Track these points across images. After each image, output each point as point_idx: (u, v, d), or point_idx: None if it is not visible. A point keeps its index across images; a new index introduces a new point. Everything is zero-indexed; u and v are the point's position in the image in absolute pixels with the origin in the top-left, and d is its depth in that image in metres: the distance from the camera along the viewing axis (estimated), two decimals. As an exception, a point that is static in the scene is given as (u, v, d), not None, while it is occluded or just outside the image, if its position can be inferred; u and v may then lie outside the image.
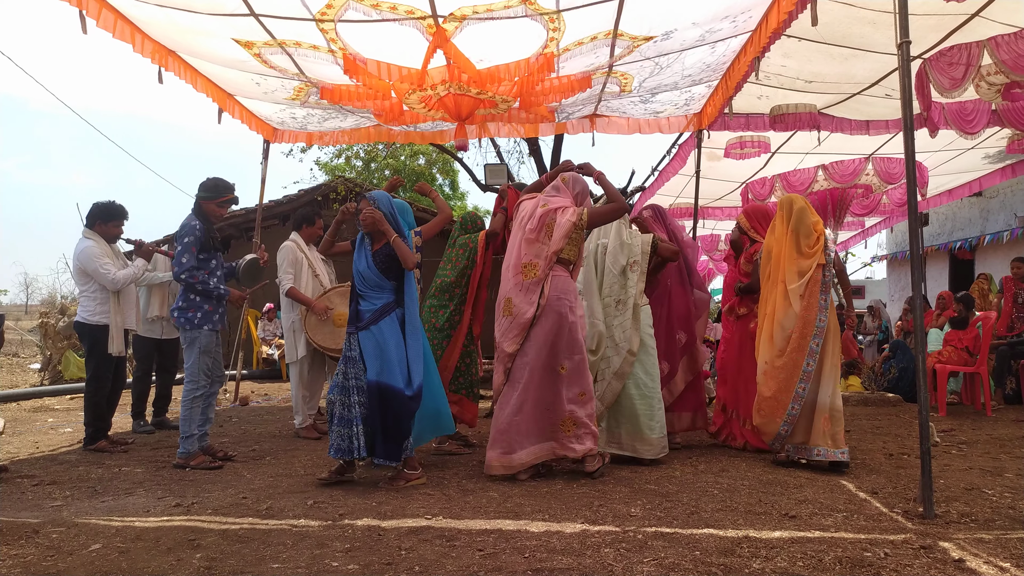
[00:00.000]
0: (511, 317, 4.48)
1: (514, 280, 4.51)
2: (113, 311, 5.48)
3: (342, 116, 7.48)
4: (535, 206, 4.62)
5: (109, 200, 5.66)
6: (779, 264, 4.80)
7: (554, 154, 14.76)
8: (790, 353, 4.61)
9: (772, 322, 4.75)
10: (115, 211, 5.65)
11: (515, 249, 4.59)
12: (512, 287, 4.51)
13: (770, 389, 4.68)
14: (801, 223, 4.74)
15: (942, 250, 14.55)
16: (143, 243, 5.77)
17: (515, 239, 4.63)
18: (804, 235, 4.73)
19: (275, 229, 12.45)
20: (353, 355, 4.29)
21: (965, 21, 5.18)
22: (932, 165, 8.95)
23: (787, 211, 4.81)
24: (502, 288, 4.58)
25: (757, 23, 5.17)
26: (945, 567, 2.86)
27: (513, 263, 4.56)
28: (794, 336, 4.61)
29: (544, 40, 5.30)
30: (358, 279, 4.39)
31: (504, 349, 4.49)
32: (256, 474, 4.66)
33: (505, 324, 4.51)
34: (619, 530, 3.37)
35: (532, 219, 4.58)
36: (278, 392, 9.54)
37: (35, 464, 4.99)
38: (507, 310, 4.51)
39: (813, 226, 4.74)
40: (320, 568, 2.92)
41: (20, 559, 3.04)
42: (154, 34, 5.42)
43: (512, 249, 4.62)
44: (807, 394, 4.57)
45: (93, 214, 5.60)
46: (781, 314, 4.68)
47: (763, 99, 6.79)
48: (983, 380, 7.31)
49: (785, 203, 4.88)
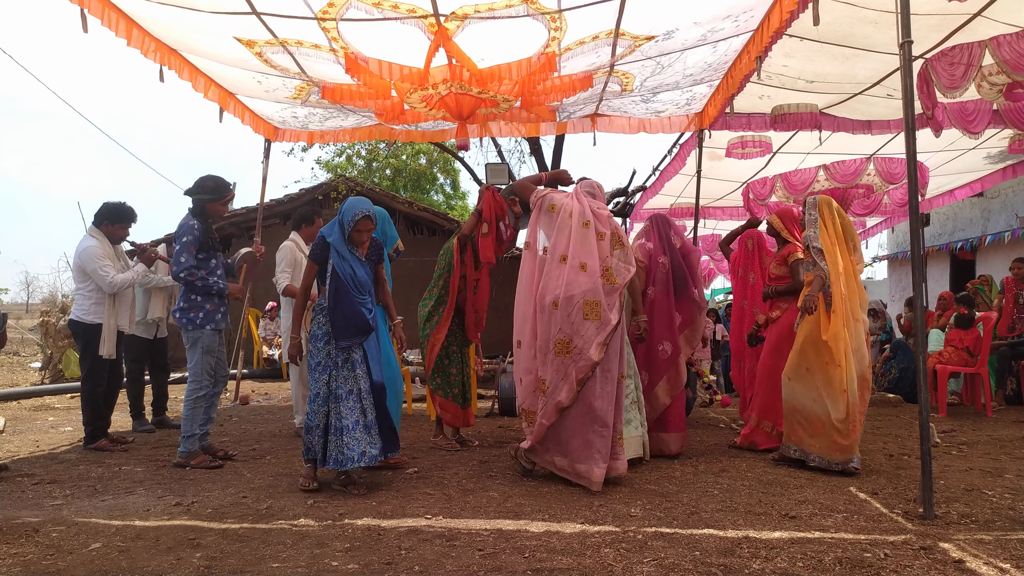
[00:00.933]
0: (597, 321, 4.16)
1: (591, 280, 4.21)
2: (108, 312, 5.46)
3: (343, 115, 7.47)
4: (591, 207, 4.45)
5: (120, 201, 5.65)
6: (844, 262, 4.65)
7: (555, 153, 14.75)
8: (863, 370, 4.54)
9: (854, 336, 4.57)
10: (124, 213, 5.63)
11: (579, 245, 4.31)
12: (594, 287, 4.19)
13: (862, 411, 4.52)
14: (848, 230, 4.75)
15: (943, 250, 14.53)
16: (146, 248, 5.77)
17: (575, 235, 4.34)
18: (853, 248, 4.74)
19: (276, 228, 12.45)
20: (355, 359, 4.25)
21: (967, 21, 5.17)
22: (933, 165, 8.94)
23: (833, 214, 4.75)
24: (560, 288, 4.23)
25: (759, 23, 5.16)
26: (945, 568, 2.86)
27: (579, 262, 4.26)
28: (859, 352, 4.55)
29: (546, 39, 5.29)
30: (356, 287, 4.19)
31: (591, 357, 4.12)
32: (256, 473, 4.66)
33: (590, 330, 4.15)
34: (619, 530, 3.37)
35: (601, 220, 4.39)
36: (279, 391, 9.54)
37: (35, 463, 4.99)
38: (594, 313, 4.17)
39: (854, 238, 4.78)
40: (320, 567, 2.92)
41: (20, 558, 3.04)
42: (156, 32, 5.41)
43: (569, 245, 4.33)
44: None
45: (102, 213, 5.58)
46: (855, 336, 4.54)
47: (764, 99, 6.78)
48: (984, 381, 7.30)
49: (823, 204, 4.78)
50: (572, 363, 4.15)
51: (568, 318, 4.18)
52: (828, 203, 4.80)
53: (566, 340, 4.18)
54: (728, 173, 9.31)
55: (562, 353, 4.18)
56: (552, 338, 4.22)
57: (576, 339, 4.17)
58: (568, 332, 4.18)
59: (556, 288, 4.25)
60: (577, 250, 4.31)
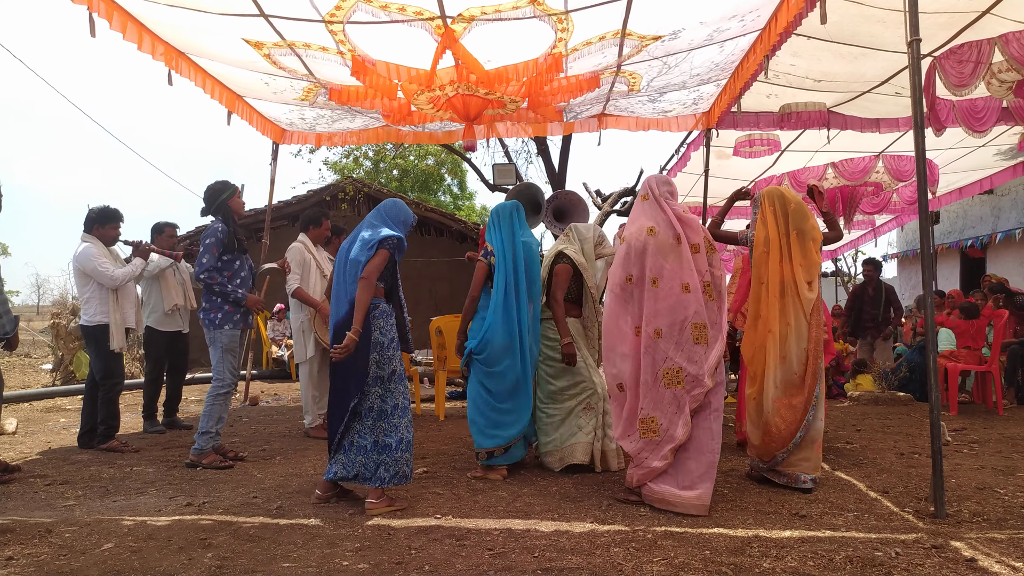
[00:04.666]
0: (704, 345, 3.78)
1: (696, 299, 3.79)
2: (112, 309, 5.54)
3: (351, 117, 7.50)
4: (676, 214, 3.97)
5: (104, 204, 5.77)
6: (774, 267, 4.24)
7: (562, 154, 14.75)
8: (808, 378, 4.11)
9: (781, 342, 4.17)
10: (110, 214, 5.73)
11: (675, 263, 3.86)
12: (699, 308, 3.79)
13: (785, 420, 4.12)
14: (804, 224, 4.22)
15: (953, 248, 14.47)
16: (141, 243, 5.84)
17: (668, 253, 3.88)
18: (813, 239, 4.23)
19: (284, 229, 12.50)
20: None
21: (976, 18, 5.15)
22: (943, 163, 8.90)
23: (780, 207, 4.29)
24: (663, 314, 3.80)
25: (766, 22, 5.15)
26: (957, 566, 2.85)
27: (681, 283, 3.81)
28: (810, 360, 4.12)
29: (552, 40, 5.30)
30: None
31: (705, 384, 3.73)
32: (267, 474, 4.68)
33: (700, 354, 3.76)
34: (628, 529, 3.37)
35: (691, 228, 3.94)
36: (288, 392, 9.57)
37: (47, 464, 5.02)
38: (700, 336, 3.78)
39: (814, 230, 4.26)
40: (330, 567, 2.94)
41: (34, 558, 3.06)
42: (163, 35, 5.44)
43: (663, 264, 3.86)
44: (814, 421, 4.12)
45: (90, 219, 5.68)
46: (792, 333, 4.15)
47: (772, 97, 6.77)
48: (995, 379, 7.27)
49: (776, 197, 4.32)
50: (685, 393, 3.75)
51: (677, 345, 3.77)
52: (775, 197, 4.33)
53: (676, 369, 3.76)
54: (736, 172, 9.30)
55: (673, 384, 3.77)
56: (660, 369, 3.79)
57: (689, 366, 3.75)
58: (677, 360, 3.76)
59: (658, 314, 3.81)
60: (674, 269, 3.85)
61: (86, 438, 5.57)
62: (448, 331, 7.04)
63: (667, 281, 3.83)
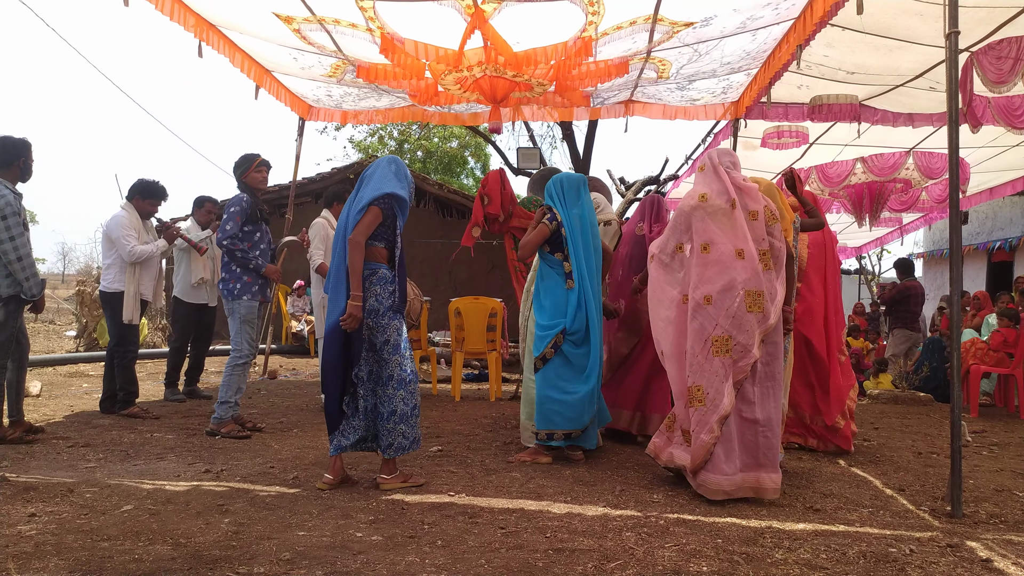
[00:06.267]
0: (759, 314, 3.69)
1: (751, 266, 3.70)
2: (129, 279, 5.62)
3: (377, 95, 7.50)
4: (734, 182, 3.90)
5: (154, 180, 5.90)
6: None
7: (587, 140, 14.65)
8: None
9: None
10: (155, 191, 5.87)
11: (728, 229, 3.79)
12: (754, 275, 3.70)
13: None
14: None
15: (980, 250, 14.24)
16: (169, 226, 5.92)
17: (721, 218, 3.82)
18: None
19: (308, 206, 12.55)
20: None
21: (1017, 14, 5.04)
22: (975, 161, 8.74)
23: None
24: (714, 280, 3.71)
25: (800, 11, 5.08)
26: (972, 566, 2.82)
27: (735, 248, 3.73)
28: None
29: (583, 24, 5.26)
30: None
31: (753, 354, 3.65)
32: (284, 445, 4.74)
33: (752, 323, 3.67)
34: (641, 515, 3.38)
35: (750, 195, 3.87)
36: (306, 367, 9.65)
37: (70, 427, 5.12)
38: (754, 304, 3.68)
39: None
40: (344, 537, 2.97)
41: (56, 516, 3.13)
42: (195, 7, 5.47)
43: (714, 230, 3.80)
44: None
45: (135, 188, 5.84)
46: None
47: (803, 88, 6.68)
48: (1018, 382, 7.17)
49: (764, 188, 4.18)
50: (732, 363, 3.65)
51: (727, 312, 3.66)
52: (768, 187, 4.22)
53: (725, 337, 3.64)
54: (762, 163, 9.20)
55: (720, 353, 3.65)
56: (709, 336, 3.67)
57: (739, 335, 3.64)
58: (727, 328, 3.64)
59: (708, 280, 3.72)
60: (727, 235, 3.77)
61: (107, 403, 5.66)
62: (467, 312, 7.06)
63: (719, 247, 3.74)
